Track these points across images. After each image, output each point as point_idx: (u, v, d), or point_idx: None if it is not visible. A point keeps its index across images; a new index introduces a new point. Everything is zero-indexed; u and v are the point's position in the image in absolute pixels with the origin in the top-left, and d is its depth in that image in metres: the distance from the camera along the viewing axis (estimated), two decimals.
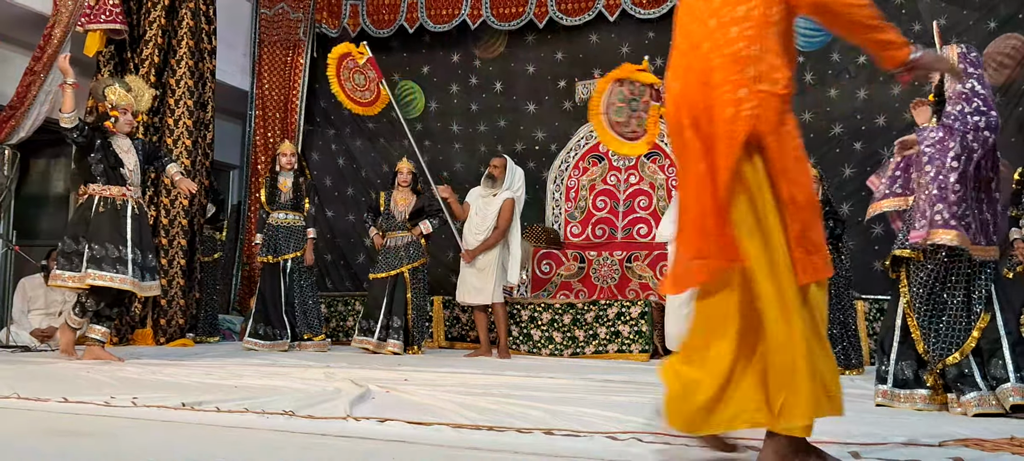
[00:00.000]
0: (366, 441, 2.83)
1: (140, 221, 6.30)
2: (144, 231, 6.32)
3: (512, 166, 8.01)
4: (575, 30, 9.69)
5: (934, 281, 4.09)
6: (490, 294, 7.74)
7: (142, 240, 6.26)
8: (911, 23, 8.39)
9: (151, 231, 6.59)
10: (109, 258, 6.08)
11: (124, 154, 6.37)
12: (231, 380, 4.81)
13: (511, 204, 7.84)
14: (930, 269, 4.10)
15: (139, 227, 6.27)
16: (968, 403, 3.86)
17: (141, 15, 8.52)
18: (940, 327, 4.02)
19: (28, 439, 2.78)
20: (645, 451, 2.67)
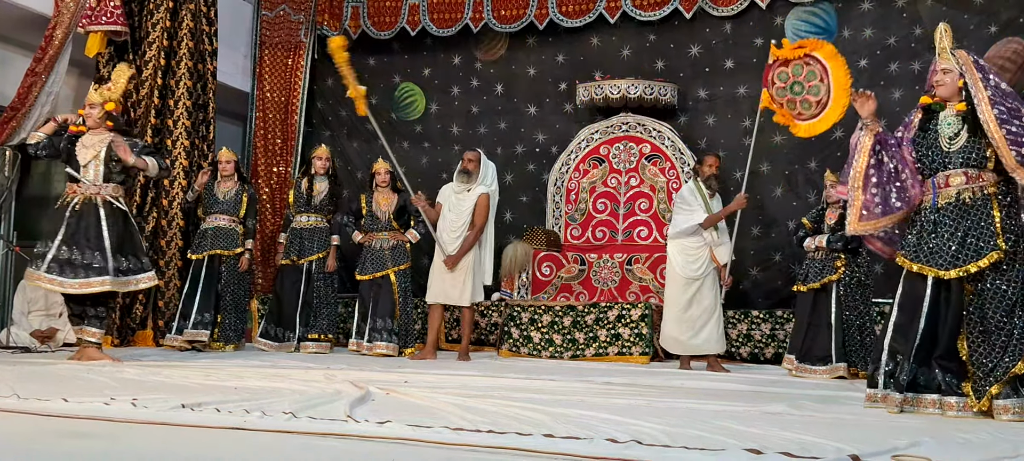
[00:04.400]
0: (366, 443, 2.83)
1: (112, 218, 6.17)
2: (115, 229, 6.17)
3: (486, 160, 7.83)
4: (576, 32, 9.68)
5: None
6: (469, 295, 7.56)
7: (109, 238, 6.10)
8: (912, 27, 8.39)
9: (125, 227, 6.31)
10: (59, 259, 5.99)
11: (84, 150, 6.28)
12: (231, 381, 4.81)
13: (487, 199, 7.63)
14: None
15: (110, 224, 6.14)
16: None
17: (143, 17, 8.52)
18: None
19: (28, 440, 2.78)
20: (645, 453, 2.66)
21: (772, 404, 4.28)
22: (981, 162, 4.16)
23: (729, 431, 3.17)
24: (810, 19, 8.77)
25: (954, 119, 4.27)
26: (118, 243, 6.16)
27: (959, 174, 4.19)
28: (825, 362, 6.58)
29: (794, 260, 8.15)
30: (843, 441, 2.95)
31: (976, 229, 4.09)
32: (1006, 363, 3.92)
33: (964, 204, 4.16)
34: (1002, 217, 4.09)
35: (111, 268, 6.07)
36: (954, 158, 4.21)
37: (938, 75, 4.35)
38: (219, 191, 8.05)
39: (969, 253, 4.07)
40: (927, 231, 4.23)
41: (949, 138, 4.26)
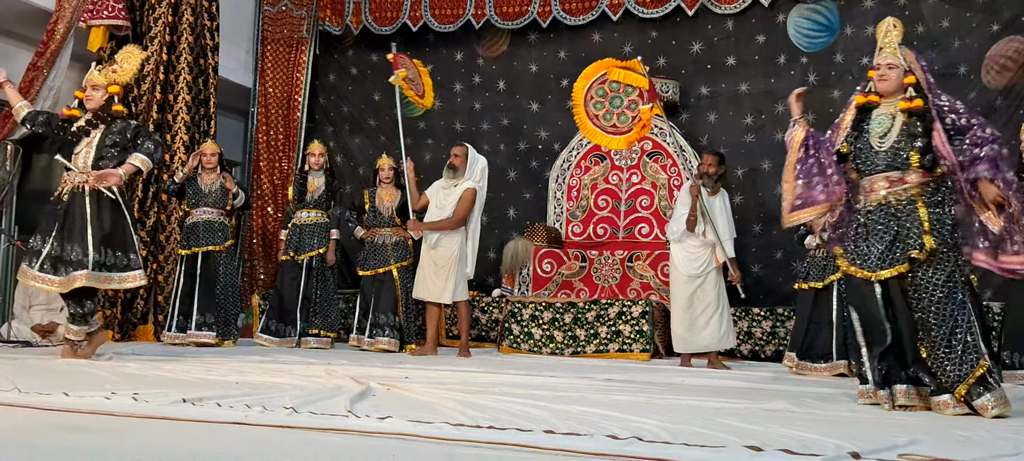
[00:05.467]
0: (367, 438, 2.84)
1: (98, 208, 5.76)
2: (100, 220, 5.74)
3: (474, 155, 7.81)
4: (578, 29, 9.68)
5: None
6: (450, 293, 7.53)
7: (92, 229, 5.70)
8: (915, 25, 8.38)
9: (113, 219, 5.82)
10: (52, 256, 5.68)
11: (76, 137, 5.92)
12: (232, 376, 4.81)
13: (472, 193, 7.59)
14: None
15: (95, 215, 5.73)
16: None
17: (144, 11, 8.53)
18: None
19: (29, 434, 2.78)
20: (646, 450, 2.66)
21: (773, 401, 4.28)
22: (904, 164, 4.15)
23: (729, 428, 3.17)
24: (812, 16, 8.77)
25: (886, 117, 4.26)
26: (103, 236, 5.74)
27: (882, 178, 4.20)
28: (826, 360, 6.58)
29: (795, 258, 8.15)
30: (843, 438, 2.95)
31: (904, 230, 4.10)
32: (960, 366, 3.93)
33: (891, 206, 4.17)
34: (929, 215, 4.08)
35: (90, 262, 5.65)
36: (882, 158, 4.21)
37: (883, 69, 4.33)
38: (203, 183, 8.03)
39: (897, 254, 4.10)
40: (861, 233, 4.26)
41: (879, 137, 4.25)
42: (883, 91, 4.33)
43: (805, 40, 8.78)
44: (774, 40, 8.92)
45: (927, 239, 4.03)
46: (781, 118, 8.79)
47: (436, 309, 7.76)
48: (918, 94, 4.22)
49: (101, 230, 5.75)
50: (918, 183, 4.13)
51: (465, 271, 7.64)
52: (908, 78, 4.26)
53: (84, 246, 5.68)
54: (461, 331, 7.72)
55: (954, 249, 4.08)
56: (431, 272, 7.58)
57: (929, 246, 4.02)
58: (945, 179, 4.15)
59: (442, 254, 7.56)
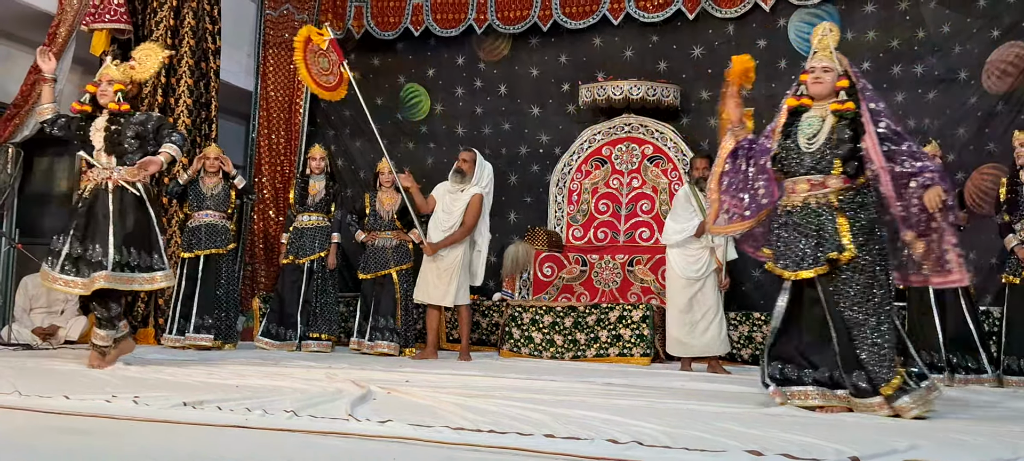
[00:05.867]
0: (367, 441, 2.84)
1: (121, 206, 5.52)
2: (123, 218, 5.50)
3: (482, 161, 7.79)
4: (579, 33, 9.68)
5: None
6: (452, 296, 7.50)
7: (113, 228, 5.45)
8: (915, 30, 8.39)
9: (137, 217, 5.57)
10: (73, 256, 5.44)
11: (95, 133, 5.66)
12: (233, 380, 4.81)
13: (479, 200, 7.59)
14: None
15: (118, 213, 5.49)
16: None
17: (146, 15, 8.54)
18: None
19: (30, 437, 2.79)
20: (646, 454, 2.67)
21: (773, 406, 4.28)
22: (827, 167, 4.21)
23: (730, 433, 3.17)
24: (813, 21, 8.75)
25: (817, 120, 4.31)
26: (125, 235, 5.47)
27: (805, 181, 4.27)
28: None
29: None
30: (843, 443, 2.95)
31: (825, 233, 4.17)
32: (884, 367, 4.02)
33: (813, 208, 4.23)
34: (849, 220, 4.15)
35: (110, 262, 5.39)
36: (807, 161, 4.27)
37: (818, 72, 4.35)
38: (205, 186, 8.05)
39: (818, 256, 4.16)
40: (785, 233, 4.33)
41: (808, 139, 4.30)
42: (817, 94, 4.36)
43: (806, 45, 8.73)
44: (775, 45, 8.93)
45: (847, 245, 4.11)
46: None
47: (436, 312, 7.76)
48: (850, 98, 4.27)
49: (123, 229, 5.49)
50: (839, 188, 4.21)
51: (469, 276, 7.66)
52: (841, 82, 4.30)
53: (105, 246, 5.42)
54: (462, 335, 7.71)
55: (874, 254, 4.16)
56: (434, 275, 7.56)
57: (849, 251, 4.10)
58: (867, 186, 4.24)
59: (447, 257, 7.54)
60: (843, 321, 4.13)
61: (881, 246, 4.21)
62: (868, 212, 4.20)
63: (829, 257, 4.11)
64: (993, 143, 7.86)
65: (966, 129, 8.06)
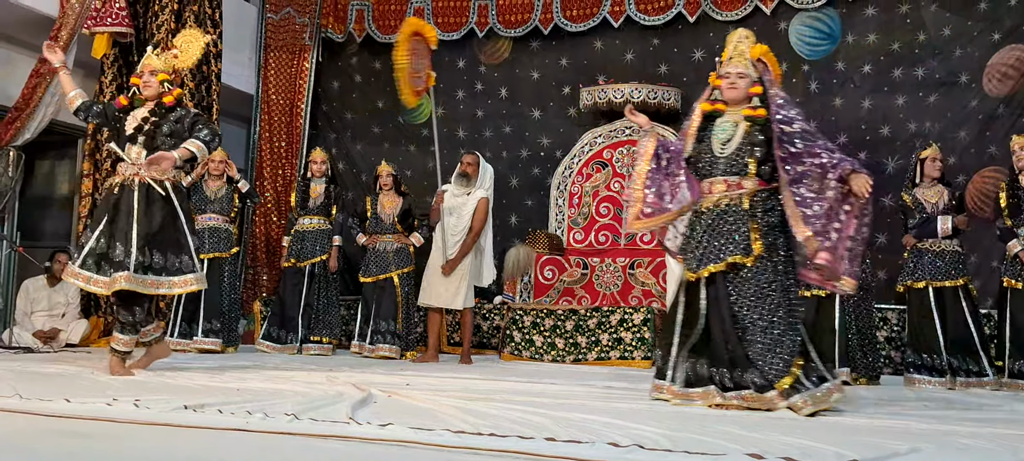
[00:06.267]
0: (368, 445, 2.84)
1: (147, 204, 5.19)
2: (148, 217, 5.17)
3: (484, 163, 7.85)
4: (580, 36, 9.69)
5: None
6: (461, 299, 7.56)
7: (137, 227, 5.13)
8: (916, 33, 8.40)
9: (164, 217, 5.25)
10: (95, 253, 5.12)
11: (130, 124, 5.38)
12: (234, 383, 4.81)
13: (486, 203, 7.65)
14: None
15: (143, 211, 5.17)
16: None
17: (148, 18, 8.56)
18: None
19: (30, 440, 2.79)
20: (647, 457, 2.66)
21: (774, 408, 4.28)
22: (742, 169, 4.34)
23: (731, 436, 3.17)
24: (814, 24, 8.78)
25: (730, 125, 4.44)
26: (150, 235, 5.15)
27: (721, 182, 4.39)
28: None
29: None
30: (843, 446, 2.95)
31: (734, 233, 4.29)
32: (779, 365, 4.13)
33: (725, 209, 4.36)
34: (759, 221, 4.29)
35: (132, 263, 5.06)
36: (721, 164, 4.40)
37: (733, 78, 4.47)
38: (209, 190, 8.05)
39: (726, 256, 4.28)
40: (695, 233, 4.46)
41: (722, 143, 4.42)
42: (731, 99, 4.49)
43: (807, 48, 8.79)
44: (776, 48, 8.79)
45: (755, 244, 4.25)
46: None
47: (438, 316, 7.77)
48: (763, 104, 4.40)
49: (148, 229, 5.15)
50: (752, 190, 4.34)
51: (476, 277, 7.68)
52: (755, 88, 4.44)
53: (127, 245, 5.09)
54: (464, 338, 7.72)
55: (779, 255, 4.29)
56: (441, 278, 7.58)
57: (756, 251, 4.24)
58: (779, 190, 4.35)
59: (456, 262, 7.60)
60: (739, 319, 4.25)
61: (788, 249, 4.34)
62: (778, 214, 4.34)
63: (738, 259, 4.24)
64: (994, 146, 7.86)
65: (967, 132, 8.06)
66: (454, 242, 7.59)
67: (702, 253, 4.36)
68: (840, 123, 8.60)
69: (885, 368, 7.37)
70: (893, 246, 7.90)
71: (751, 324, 4.23)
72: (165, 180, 5.26)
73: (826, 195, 4.22)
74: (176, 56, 5.59)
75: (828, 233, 4.23)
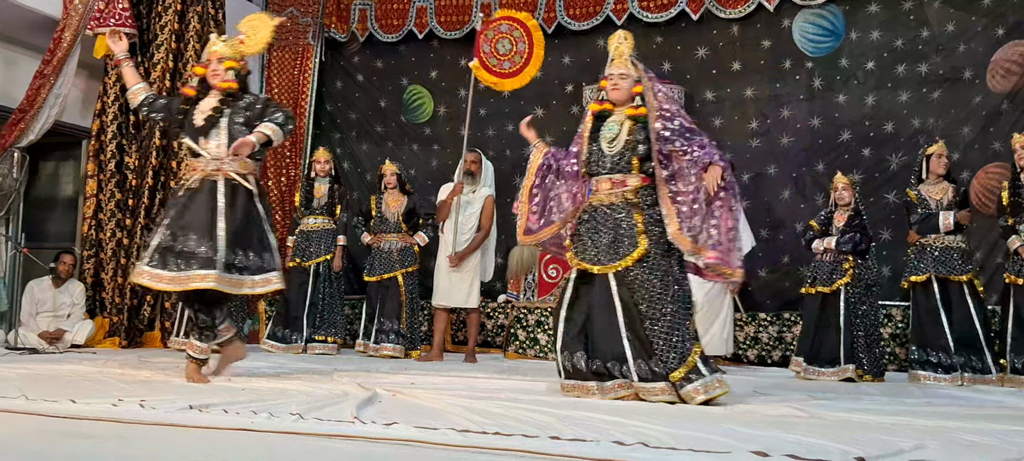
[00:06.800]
0: (372, 444, 2.84)
1: (231, 199, 4.86)
2: (234, 213, 4.84)
3: (485, 161, 7.95)
4: (582, 35, 9.68)
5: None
6: (475, 297, 7.63)
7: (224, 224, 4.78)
8: (919, 29, 8.38)
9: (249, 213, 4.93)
10: (162, 248, 4.75)
11: (199, 116, 5.01)
12: (239, 383, 4.81)
13: (492, 201, 7.76)
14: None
15: (229, 207, 4.83)
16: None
17: (151, 19, 8.57)
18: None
19: (35, 441, 2.80)
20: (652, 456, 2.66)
21: (778, 406, 4.28)
22: (627, 167, 4.57)
23: (735, 434, 3.17)
24: (817, 21, 8.76)
25: (616, 124, 4.66)
26: (236, 232, 4.82)
27: (606, 180, 4.62)
28: (833, 364, 6.60)
29: (801, 262, 8.14)
30: (849, 444, 2.95)
31: (621, 229, 4.50)
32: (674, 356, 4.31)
33: (612, 206, 4.58)
34: (644, 217, 4.50)
35: (220, 262, 4.71)
36: (608, 162, 4.61)
37: (615, 79, 4.68)
38: None
39: (616, 251, 4.48)
40: (586, 229, 4.64)
41: (609, 142, 4.64)
42: (615, 100, 4.71)
43: (810, 45, 8.77)
44: (779, 45, 8.91)
45: (641, 239, 4.45)
46: (787, 123, 8.79)
47: (445, 314, 7.79)
48: (644, 103, 4.62)
49: (233, 225, 4.82)
50: (637, 187, 4.57)
51: (484, 275, 7.75)
52: (637, 88, 4.64)
53: (213, 243, 4.73)
54: (469, 336, 7.73)
55: (667, 246, 4.49)
56: (452, 278, 7.63)
57: (643, 246, 4.44)
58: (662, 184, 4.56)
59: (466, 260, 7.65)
60: (637, 312, 4.40)
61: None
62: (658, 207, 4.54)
63: (625, 254, 4.44)
64: (998, 142, 7.84)
65: (971, 128, 8.04)
66: (463, 240, 7.64)
67: (591, 249, 4.56)
68: (844, 120, 8.59)
69: (890, 365, 7.38)
70: (898, 242, 7.90)
71: (643, 316, 4.39)
72: (247, 173, 4.94)
73: (699, 191, 4.43)
74: (242, 41, 5.26)
75: (709, 232, 4.44)
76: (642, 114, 4.58)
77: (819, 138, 8.65)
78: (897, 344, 7.63)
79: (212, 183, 4.87)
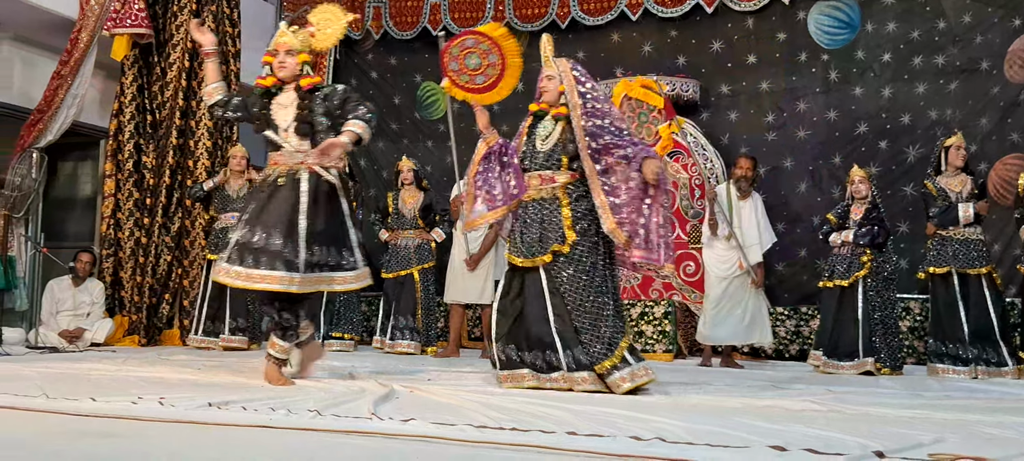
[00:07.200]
0: (390, 440, 2.85)
1: (314, 195, 4.69)
2: (316, 209, 4.67)
3: None
4: (597, 30, 9.66)
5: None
6: (489, 293, 7.63)
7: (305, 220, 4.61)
8: (936, 21, 8.32)
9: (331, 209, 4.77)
10: (240, 243, 4.59)
11: (282, 111, 4.84)
12: (257, 380, 4.84)
13: None
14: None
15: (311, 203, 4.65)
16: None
17: (166, 19, 8.61)
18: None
19: (57, 440, 2.82)
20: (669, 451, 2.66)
21: (796, 400, 4.27)
22: (556, 164, 4.75)
23: (753, 428, 3.17)
24: (833, 13, 8.71)
25: (549, 122, 4.84)
26: (317, 228, 4.65)
27: (536, 176, 4.79)
28: (852, 358, 6.58)
29: (819, 256, 8.11)
30: (867, 437, 2.94)
31: (550, 223, 4.68)
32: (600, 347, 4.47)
33: (541, 201, 4.76)
34: (571, 212, 4.67)
35: (301, 261, 4.55)
36: (540, 159, 4.79)
37: (544, 82, 4.89)
38: (231, 188, 8.10)
39: (544, 245, 4.66)
40: (519, 224, 4.85)
41: (542, 140, 4.82)
42: (548, 101, 4.89)
43: (826, 37, 8.73)
44: (794, 37, 8.88)
45: (569, 234, 4.62)
46: (803, 116, 8.75)
47: (460, 310, 7.81)
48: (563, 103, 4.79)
49: (316, 223, 4.66)
50: (565, 183, 4.73)
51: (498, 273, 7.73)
52: (562, 87, 4.81)
53: (294, 241, 4.56)
54: (485, 332, 7.74)
55: (594, 240, 4.65)
56: (467, 275, 7.69)
57: (570, 239, 4.61)
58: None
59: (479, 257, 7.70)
60: (565, 303, 4.56)
61: (605, 235, 4.64)
62: (589, 202, 4.69)
63: (553, 248, 4.61)
64: (1016, 133, 7.79)
65: (988, 119, 7.99)
66: (474, 236, 7.64)
67: (521, 244, 4.74)
68: (860, 112, 8.55)
69: (908, 358, 7.35)
70: (916, 235, 7.86)
71: (572, 308, 4.54)
72: (333, 168, 4.77)
73: (630, 186, 4.57)
74: (313, 34, 5.06)
75: (637, 229, 4.57)
76: (565, 113, 4.77)
77: (835, 131, 8.61)
78: (916, 337, 7.59)
79: (295, 178, 4.70)
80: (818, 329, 7.09)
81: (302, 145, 4.74)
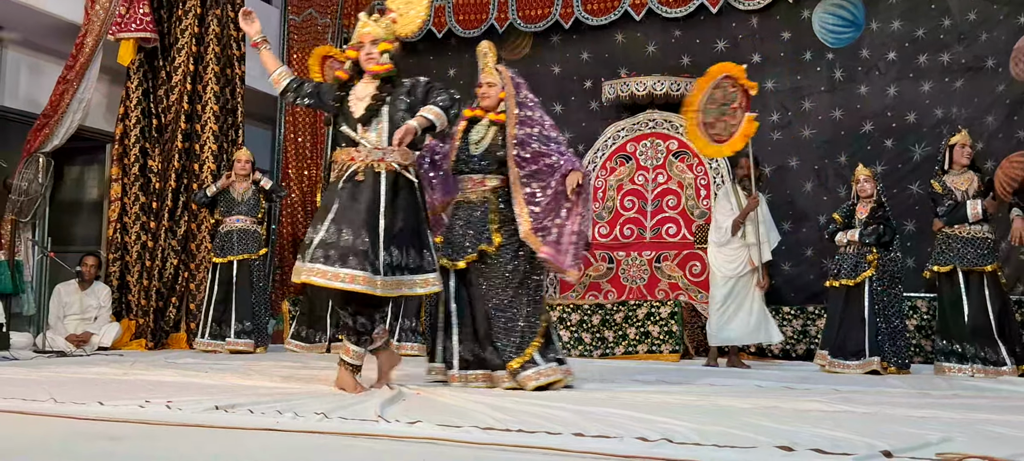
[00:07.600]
0: (397, 443, 2.85)
1: (394, 193, 4.42)
2: (396, 208, 4.41)
3: None
4: (601, 30, 9.67)
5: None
6: None
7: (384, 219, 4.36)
8: (941, 18, 8.32)
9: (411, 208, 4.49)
10: (325, 243, 4.32)
11: (357, 102, 4.57)
12: (264, 382, 4.84)
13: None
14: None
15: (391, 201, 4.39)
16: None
17: (171, 23, 8.63)
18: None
19: (64, 444, 2.82)
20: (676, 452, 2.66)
21: (803, 400, 4.26)
22: (487, 168, 4.88)
23: (760, 428, 3.16)
24: (837, 12, 8.71)
25: (484, 127, 4.97)
26: (397, 228, 4.40)
27: (468, 179, 4.93)
28: (859, 357, 6.56)
29: (825, 255, 8.10)
30: (875, 437, 2.93)
31: (478, 225, 4.83)
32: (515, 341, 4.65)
33: (471, 203, 4.90)
34: (499, 215, 4.82)
35: (380, 262, 4.30)
36: (474, 162, 4.91)
37: (485, 88, 5.04)
38: (236, 192, 8.11)
39: (472, 246, 4.80)
40: (452, 226, 4.98)
41: (475, 144, 4.94)
42: (486, 106, 5.03)
43: (831, 36, 8.73)
44: (799, 36, 8.88)
45: (495, 236, 4.78)
46: (808, 115, 8.75)
47: None
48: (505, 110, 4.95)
49: (394, 223, 4.40)
50: (495, 187, 4.88)
51: None
52: (502, 94, 4.98)
53: (374, 240, 4.31)
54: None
55: (519, 245, 4.77)
56: None
57: (497, 241, 4.76)
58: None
59: None
60: (484, 303, 4.75)
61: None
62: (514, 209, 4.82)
63: (480, 248, 4.76)
64: (1022, 131, 7.78)
65: (994, 117, 7.98)
66: None
67: (449, 245, 4.90)
68: (866, 111, 8.54)
69: (915, 357, 7.33)
70: (922, 234, 7.85)
71: (492, 308, 4.73)
72: (409, 164, 4.51)
73: (548, 192, 4.72)
74: (395, 21, 4.73)
75: (549, 228, 4.70)
76: (501, 120, 4.91)
77: (841, 130, 8.60)
78: (922, 336, 7.57)
79: (375, 175, 4.42)
80: (824, 328, 7.08)
81: (380, 141, 4.46)
